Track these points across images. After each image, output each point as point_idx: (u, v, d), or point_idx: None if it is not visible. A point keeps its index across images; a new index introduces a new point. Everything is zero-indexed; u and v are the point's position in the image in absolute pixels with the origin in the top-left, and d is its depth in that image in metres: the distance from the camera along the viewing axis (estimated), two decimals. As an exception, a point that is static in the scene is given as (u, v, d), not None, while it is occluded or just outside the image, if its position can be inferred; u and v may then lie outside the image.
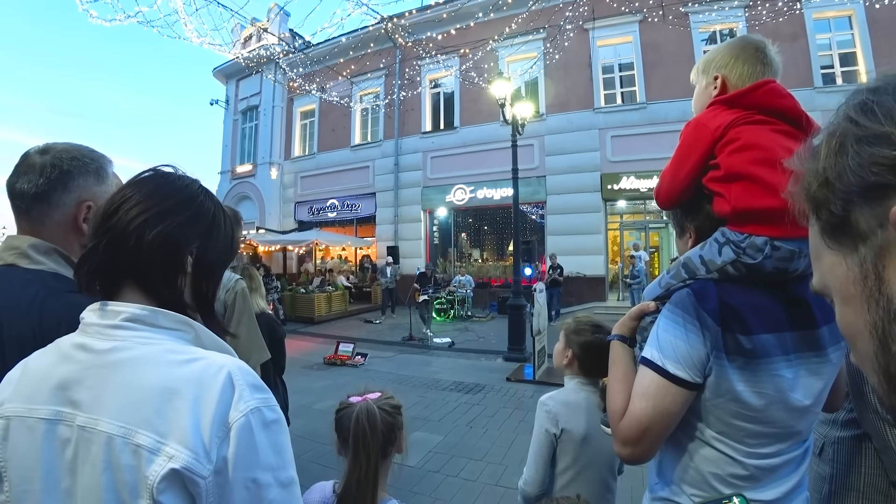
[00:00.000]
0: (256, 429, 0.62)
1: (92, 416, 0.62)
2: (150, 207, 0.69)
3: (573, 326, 1.74)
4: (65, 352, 0.68)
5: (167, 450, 0.59)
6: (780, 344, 0.93)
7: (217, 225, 0.77)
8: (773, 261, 0.92)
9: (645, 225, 14.15)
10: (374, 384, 1.32)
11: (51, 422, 0.64)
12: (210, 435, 0.60)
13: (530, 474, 1.62)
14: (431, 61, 15.45)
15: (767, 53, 1.06)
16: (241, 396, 0.63)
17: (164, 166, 0.77)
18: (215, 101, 21.56)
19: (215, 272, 0.78)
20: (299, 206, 19.17)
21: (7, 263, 0.99)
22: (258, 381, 0.66)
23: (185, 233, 0.72)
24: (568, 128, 13.96)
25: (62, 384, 0.65)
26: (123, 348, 0.65)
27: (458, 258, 16.27)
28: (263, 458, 0.62)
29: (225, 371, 0.64)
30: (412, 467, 3.88)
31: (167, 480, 0.58)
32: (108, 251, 0.68)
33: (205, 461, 0.59)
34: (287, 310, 13.17)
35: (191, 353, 0.67)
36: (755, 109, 0.98)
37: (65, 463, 0.63)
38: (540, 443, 1.62)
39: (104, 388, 0.63)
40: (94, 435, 0.61)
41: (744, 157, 0.94)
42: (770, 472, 0.96)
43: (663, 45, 13.00)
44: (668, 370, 0.92)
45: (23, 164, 1.02)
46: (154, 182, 0.73)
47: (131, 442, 0.59)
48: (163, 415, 0.60)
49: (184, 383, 0.62)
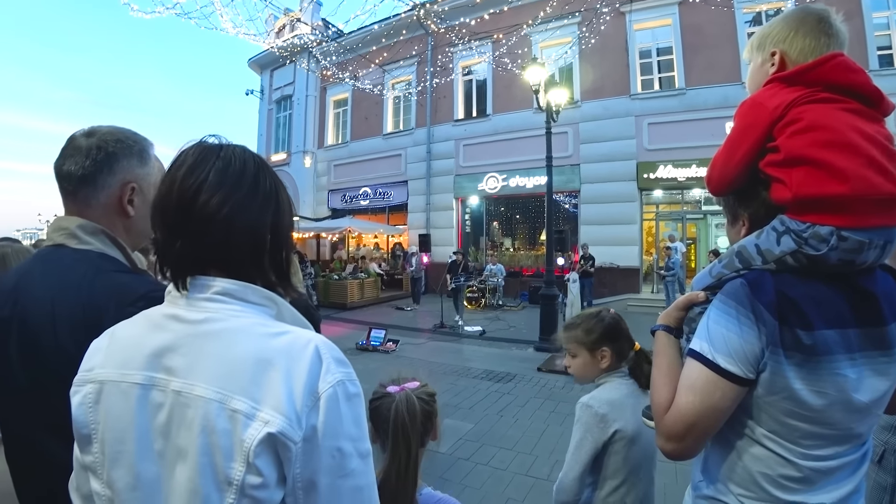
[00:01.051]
0: (342, 400, 0.65)
1: (188, 381, 0.65)
2: (228, 197, 0.69)
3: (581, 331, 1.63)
4: (156, 321, 0.71)
5: (262, 415, 0.61)
6: (843, 341, 0.86)
7: (280, 197, 0.77)
8: (839, 252, 0.84)
9: (682, 215, 13.71)
10: (407, 371, 1.31)
11: (144, 387, 0.67)
12: (301, 403, 0.62)
13: (569, 481, 1.51)
14: (464, 48, 15.28)
15: (832, 24, 0.95)
16: (328, 369, 0.65)
17: (209, 137, 0.75)
18: (250, 91, 22.00)
19: (288, 241, 0.80)
20: (332, 193, 19.44)
21: (56, 244, 1.01)
22: (342, 356, 0.69)
23: (261, 215, 0.73)
24: (603, 115, 13.59)
25: (157, 351, 0.68)
26: (216, 319, 0.68)
27: (490, 247, 16.20)
28: (347, 428, 0.65)
29: (313, 345, 0.66)
30: (442, 454, 3.91)
31: (263, 444, 0.60)
32: (192, 244, 0.69)
33: (297, 427, 0.61)
34: (320, 296, 13.42)
35: (278, 326, 0.70)
36: (820, 86, 0.89)
37: (158, 426, 0.65)
38: (584, 448, 1.51)
39: (199, 356, 0.66)
40: (190, 400, 0.64)
41: (807, 139, 0.86)
42: (825, 476, 0.90)
43: (704, 27, 12.43)
44: (718, 364, 0.87)
45: (69, 146, 1.03)
46: (220, 166, 0.71)
47: (227, 407, 0.62)
48: (257, 383, 0.63)
49: (276, 354, 0.64)
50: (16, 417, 0.95)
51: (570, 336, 1.67)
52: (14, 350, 0.93)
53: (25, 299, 0.95)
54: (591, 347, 1.62)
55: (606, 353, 1.61)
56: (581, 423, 1.54)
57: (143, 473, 0.66)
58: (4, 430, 0.99)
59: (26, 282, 0.98)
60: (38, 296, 0.94)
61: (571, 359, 1.67)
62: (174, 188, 0.69)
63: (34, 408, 0.91)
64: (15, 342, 0.93)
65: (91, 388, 0.70)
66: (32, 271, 0.99)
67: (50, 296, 0.93)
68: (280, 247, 0.77)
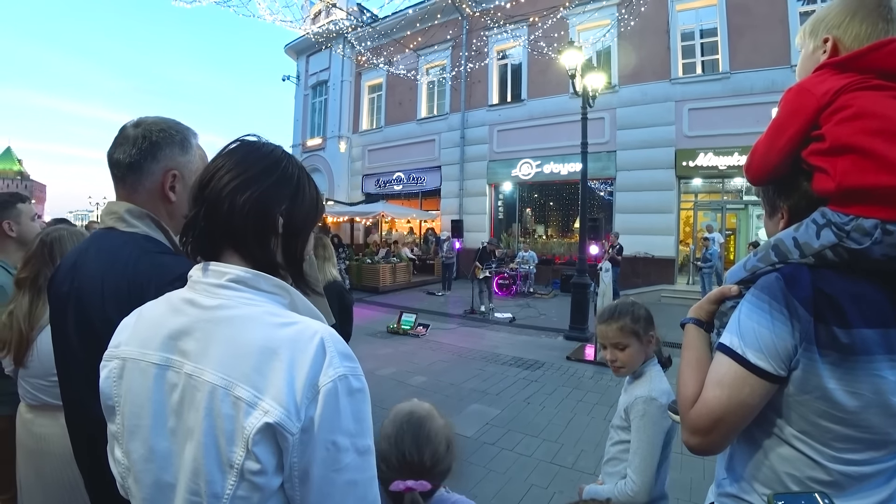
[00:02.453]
0: (342, 395, 0.66)
1: (198, 365, 0.68)
2: (239, 174, 0.73)
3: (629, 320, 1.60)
4: (175, 305, 0.75)
5: (263, 405, 0.63)
6: (883, 341, 0.82)
7: (302, 187, 0.80)
8: (884, 247, 0.80)
9: (722, 205, 13.17)
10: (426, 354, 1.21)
11: (161, 367, 0.71)
12: (301, 395, 0.63)
13: (650, 478, 1.47)
14: (499, 31, 15.04)
15: (893, 7, 0.89)
16: (331, 362, 0.66)
17: (248, 136, 0.81)
18: (287, 76, 22.33)
19: (304, 232, 0.82)
20: (367, 178, 19.60)
21: (107, 227, 1.10)
22: (347, 350, 0.70)
23: (273, 195, 0.75)
24: (642, 100, 13.15)
25: (173, 334, 0.72)
26: (229, 306, 0.70)
27: (523, 234, 16.06)
28: (345, 423, 0.66)
29: (318, 337, 0.67)
30: (468, 438, 3.96)
31: (262, 433, 0.62)
32: (206, 218, 0.73)
33: (295, 419, 0.63)
34: (353, 279, 13.65)
35: (288, 316, 0.71)
36: (873, 73, 0.84)
37: (171, 405, 0.69)
38: (657, 442, 1.48)
39: (210, 341, 0.69)
40: (200, 383, 0.67)
41: (855, 127, 0.82)
42: (857, 482, 0.86)
43: (752, 6, 11.76)
44: (748, 359, 0.85)
45: (120, 136, 1.11)
46: (241, 151, 0.77)
47: (232, 394, 0.64)
48: (261, 372, 0.65)
49: (281, 344, 0.66)
50: (75, 384, 1.04)
51: (619, 327, 1.60)
52: (72, 321, 1.03)
53: (81, 276, 1.04)
54: (642, 334, 1.59)
55: (653, 337, 1.61)
56: (648, 418, 1.50)
57: (156, 448, 0.70)
58: (65, 395, 1.09)
59: (82, 260, 1.07)
60: (91, 273, 1.03)
61: (619, 352, 1.60)
62: (202, 172, 0.76)
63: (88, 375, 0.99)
64: (72, 314, 1.03)
65: (116, 364, 0.76)
66: (88, 251, 1.09)
67: (100, 273, 1.01)
68: (295, 234, 0.79)
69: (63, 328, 1.05)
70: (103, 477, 0.84)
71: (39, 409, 1.63)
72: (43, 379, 1.61)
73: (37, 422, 1.62)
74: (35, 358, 1.62)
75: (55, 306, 1.10)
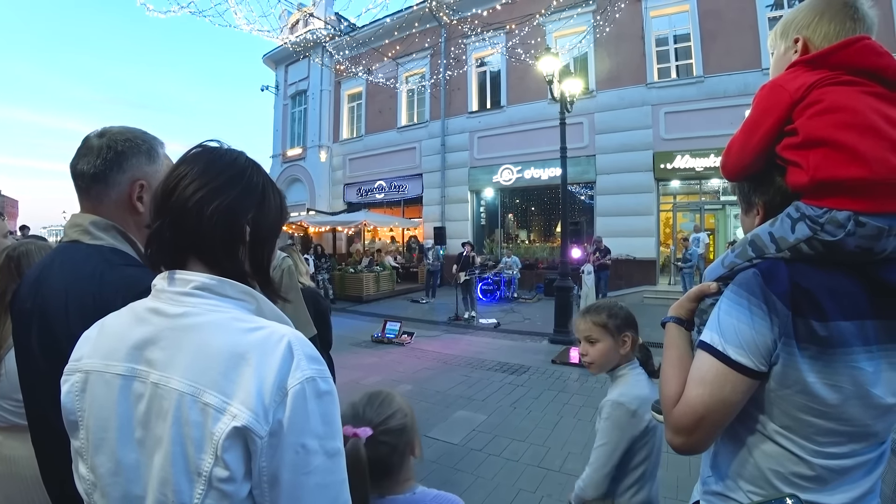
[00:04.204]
0: (310, 397, 0.65)
1: (165, 374, 0.67)
2: (206, 184, 0.72)
3: (605, 315, 1.61)
4: (140, 315, 0.73)
5: (231, 409, 0.62)
6: (860, 333, 0.83)
7: (267, 194, 0.79)
8: (857, 238, 0.81)
9: (700, 206, 13.45)
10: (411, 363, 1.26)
11: (126, 378, 0.69)
12: (270, 398, 0.63)
13: (600, 477, 1.51)
14: (477, 39, 15.17)
15: (859, 7, 0.92)
16: (298, 365, 0.66)
17: (210, 141, 0.80)
18: (266, 86, 22.14)
19: (270, 239, 0.81)
20: (348, 187, 19.51)
21: (72, 239, 1.06)
22: (315, 353, 0.69)
23: (240, 205, 0.74)
24: (619, 104, 13.38)
25: (138, 344, 0.70)
26: (194, 314, 0.69)
27: (505, 239, 16.13)
28: (313, 425, 0.65)
29: (285, 340, 0.67)
30: (455, 445, 3.94)
31: (231, 438, 0.62)
32: (172, 229, 0.71)
33: (263, 422, 0.62)
34: (336, 289, 13.54)
35: (255, 321, 0.71)
36: (844, 70, 0.86)
37: (138, 416, 0.68)
38: (618, 446, 1.50)
39: (177, 350, 0.68)
40: (167, 392, 0.66)
41: (827, 121, 0.83)
42: (839, 475, 0.87)
43: (724, 12, 12.11)
44: (728, 355, 0.85)
45: (83, 146, 1.08)
46: (205, 158, 0.76)
47: (200, 400, 0.64)
48: (229, 377, 0.64)
49: (249, 349, 0.66)
50: (40, 401, 1.01)
51: (593, 320, 1.61)
52: (35, 338, 0.99)
53: (45, 291, 1.01)
54: (615, 332, 1.59)
55: (628, 339, 1.60)
56: (612, 421, 1.52)
57: (123, 460, 0.68)
58: (30, 413, 1.05)
59: (46, 275, 1.04)
60: (55, 287, 1.00)
61: (590, 346, 1.61)
62: (164, 180, 0.74)
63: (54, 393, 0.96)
64: (36, 331, 0.99)
65: (78, 378, 0.74)
66: (52, 265, 1.05)
67: (64, 287, 0.98)
68: (262, 242, 0.79)
69: (27, 345, 1.01)
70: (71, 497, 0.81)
71: (8, 430, 1.56)
72: (12, 399, 1.54)
73: (6, 444, 1.55)
74: (4, 377, 1.56)
75: (19, 322, 1.06)
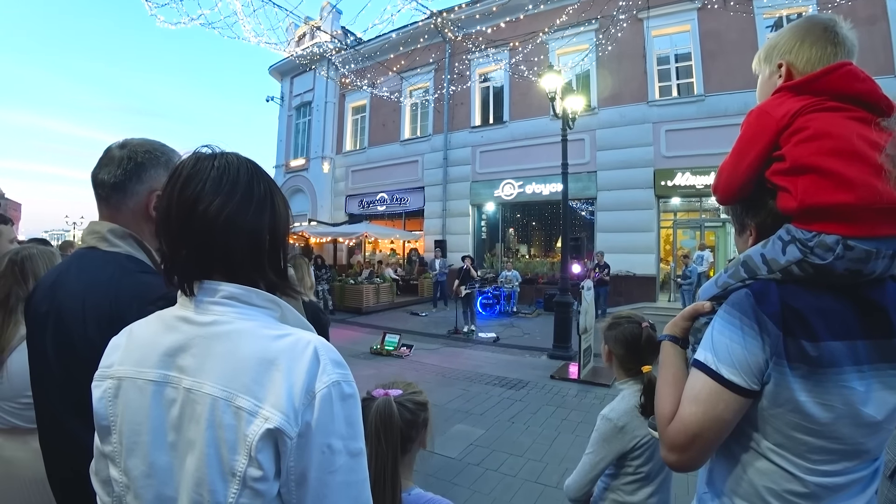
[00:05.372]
0: (335, 400, 0.69)
1: (197, 379, 0.69)
2: (225, 204, 0.72)
3: (607, 322, 1.73)
4: (169, 323, 0.75)
5: (264, 412, 0.65)
6: (850, 353, 0.85)
7: (276, 199, 0.80)
8: (846, 262, 0.84)
9: (700, 223, 13.50)
10: (410, 375, 1.33)
11: (158, 384, 0.72)
12: (299, 401, 0.66)
13: (580, 484, 1.61)
14: (481, 55, 15.35)
15: (838, 32, 0.95)
16: (324, 370, 0.69)
17: (203, 147, 0.78)
18: (271, 97, 22.35)
19: (285, 241, 0.84)
20: (350, 199, 19.58)
21: (90, 246, 1.10)
22: (339, 358, 0.73)
23: (260, 218, 0.76)
24: (620, 122, 13.50)
25: (169, 351, 0.73)
26: (223, 322, 0.72)
27: (506, 253, 16.14)
28: (338, 426, 0.69)
29: (312, 346, 0.70)
30: (453, 459, 3.92)
31: (264, 440, 0.65)
32: (197, 249, 0.72)
33: (293, 424, 0.66)
34: (336, 300, 13.52)
35: (281, 328, 0.74)
36: (828, 95, 0.89)
37: (170, 420, 0.70)
38: (603, 459, 1.57)
39: (208, 356, 0.70)
40: (199, 397, 0.68)
41: (813, 148, 0.86)
42: (833, 492, 0.88)
43: (724, 33, 12.27)
44: (721, 374, 0.87)
45: (105, 156, 1.13)
46: (215, 175, 0.73)
47: (233, 404, 0.66)
48: (260, 382, 0.67)
49: (278, 355, 0.69)
50: (51, 403, 1.03)
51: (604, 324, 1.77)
52: (50, 341, 1.02)
53: (61, 296, 1.03)
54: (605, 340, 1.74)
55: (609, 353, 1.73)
56: (599, 433, 1.59)
57: (156, 463, 0.70)
58: (40, 415, 1.07)
59: (63, 279, 1.07)
60: (72, 292, 1.03)
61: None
62: (173, 200, 0.73)
63: (66, 394, 0.99)
64: (51, 334, 1.02)
65: (110, 384, 0.76)
66: (69, 270, 1.08)
67: (82, 292, 1.01)
68: (277, 246, 0.81)
69: (41, 348, 1.04)
70: (79, 497, 0.83)
71: (8, 432, 1.57)
72: (13, 402, 1.56)
73: (5, 445, 1.56)
74: (5, 380, 1.57)
75: (33, 325, 1.08)
